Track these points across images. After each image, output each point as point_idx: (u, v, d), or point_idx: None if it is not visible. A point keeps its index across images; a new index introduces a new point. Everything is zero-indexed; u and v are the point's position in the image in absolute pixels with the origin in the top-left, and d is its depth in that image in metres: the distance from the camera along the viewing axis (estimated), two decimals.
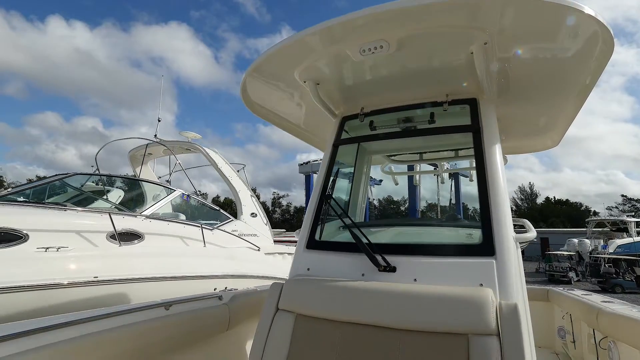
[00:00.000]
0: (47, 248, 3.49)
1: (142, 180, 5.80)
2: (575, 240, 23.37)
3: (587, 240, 22.91)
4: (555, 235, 36.58)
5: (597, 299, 3.18)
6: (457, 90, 2.10)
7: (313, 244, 1.96)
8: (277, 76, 2.14)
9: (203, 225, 5.21)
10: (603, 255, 19.32)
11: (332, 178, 2.22)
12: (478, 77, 1.90)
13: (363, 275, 1.70)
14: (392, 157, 3.61)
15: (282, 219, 61.57)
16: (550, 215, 59.90)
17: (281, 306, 1.69)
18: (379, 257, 1.68)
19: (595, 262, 19.48)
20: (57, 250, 3.54)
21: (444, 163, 3.97)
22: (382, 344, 1.40)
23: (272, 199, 69.76)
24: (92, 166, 5.68)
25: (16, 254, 3.30)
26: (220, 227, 5.68)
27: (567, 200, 70.47)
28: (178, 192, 5.49)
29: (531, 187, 71.61)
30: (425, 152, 3.50)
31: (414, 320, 1.40)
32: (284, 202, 70.09)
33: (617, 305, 2.72)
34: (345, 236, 2.09)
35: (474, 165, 1.93)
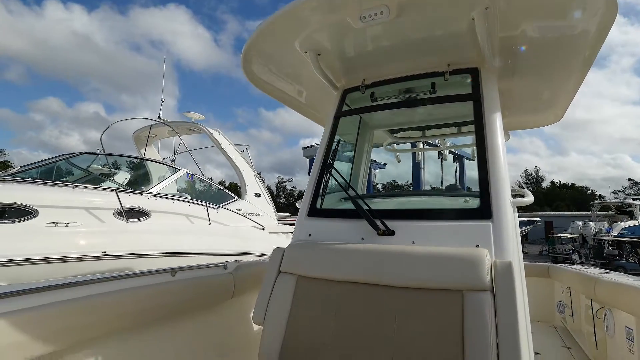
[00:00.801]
0: (57, 223, 3.58)
1: (148, 160, 5.86)
2: (580, 223, 23.27)
3: (591, 223, 22.81)
4: (559, 219, 36.51)
5: (595, 271, 3.22)
6: (459, 59, 2.10)
7: (314, 211, 2.01)
8: (278, 46, 2.14)
9: (208, 204, 5.29)
10: (607, 238, 19.31)
11: (333, 150, 2.25)
12: (479, 45, 1.89)
13: (362, 239, 1.76)
14: (395, 135, 3.62)
15: (286, 202, 61.91)
16: (555, 199, 59.68)
17: (283, 269, 1.74)
18: (378, 222, 1.73)
19: (598, 244, 19.49)
20: (67, 226, 3.63)
21: (447, 140, 3.98)
22: (380, 300, 1.46)
23: (277, 184, 70.15)
24: (98, 148, 5.75)
25: (28, 228, 3.40)
26: (225, 206, 5.76)
27: (572, 184, 70.05)
28: (183, 172, 5.55)
29: (537, 171, 71.18)
30: (427, 129, 3.50)
31: (411, 278, 1.45)
32: (288, 186, 70.46)
33: (614, 276, 2.77)
34: (345, 204, 2.13)
35: (475, 137, 1.94)
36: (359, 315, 1.46)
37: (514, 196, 1.74)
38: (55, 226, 3.56)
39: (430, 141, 4.35)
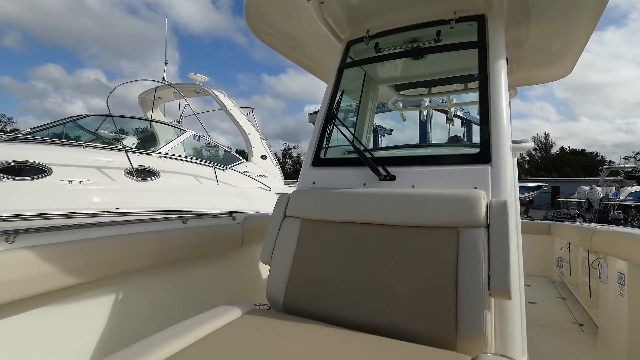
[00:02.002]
0: (70, 181, 3.71)
1: (154, 121, 5.91)
2: (587, 188, 23.18)
3: (598, 188, 22.71)
4: (566, 184, 36.36)
5: (594, 225, 3.30)
6: (465, 6, 2.06)
7: (318, 161, 2.07)
8: None
9: (215, 165, 5.39)
10: (613, 202, 19.32)
11: (337, 102, 2.26)
12: None
13: (364, 184, 1.83)
14: (400, 92, 3.60)
15: (293, 169, 62.22)
16: (564, 165, 59.10)
17: (288, 213, 1.83)
18: (380, 169, 1.79)
19: (604, 209, 19.55)
20: (80, 183, 3.76)
21: (453, 97, 3.94)
22: (380, 238, 1.54)
23: (283, 150, 70.25)
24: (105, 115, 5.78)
25: (44, 185, 3.53)
26: (232, 168, 5.86)
27: (582, 150, 69.04)
28: (189, 133, 5.61)
29: (546, 137, 69.95)
30: (433, 85, 3.47)
31: (409, 217, 1.53)
32: (294, 153, 70.54)
33: (611, 227, 2.84)
34: (349, 155, 2.19)
35: (479, 85, 1.94)
36: (360, 252, 1.56)
37: (514, 142, 1.77)
38: (69, 183, 3.68)
39: (437, 104, 4.32)
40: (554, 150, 69.23)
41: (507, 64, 2.10)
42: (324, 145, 2.14)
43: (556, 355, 2.38)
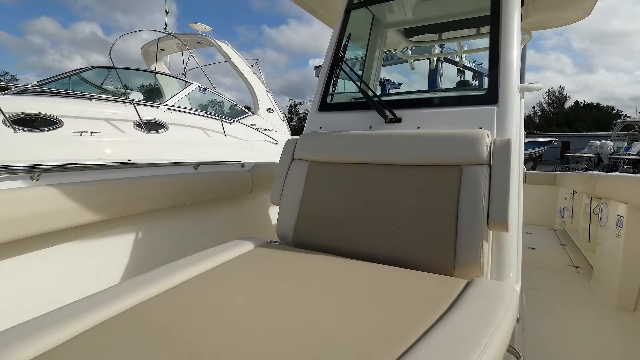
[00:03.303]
0: (82, 132, 3.77)
1: (159, 73, 5.84)
2: (598, 143, 22.74)
3: (609, 142, 22.28)
4: (577, 139, 35.67)
5: (599, 172, 3.33)
6: None
7: (325, 106, 2.09)
8: None
9: (222, 118, 5.40)
10: (624, 157, 19.05)
11: (343, 45, 2.23)
12: None
13: (370, 127, 1.86)
14: (410, 39, 3.49)
15: (299, 126, 61.65)
16: (577, 120, 57.58)
17: (296, 156, 1.89)
18: (386, 111, 1.81)
19: (614, 164, 19.32)
20: (91, 135, 3.83)
21: (464, 44, 3.82)
22: (385, 176, 1.61)
23: (289, 107, 69.28)
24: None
25: (56, 136, 3.60)
26: (239, 121, 5.87)
27: (597, 104, 66.72)
28: (195, 85, 5.56)
29: (561, 90, 67.42)
30: (443, 30, 3.36)
31: (414, 156, 1.58)
32: (301, 109, 69.58)
33: (616, 173, 2.87)
34: (355, 98, 2.20)
35: (490, 25, 1.88)
36: (365, 190, 1.63)
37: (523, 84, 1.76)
38: (81, 135, 3.75)
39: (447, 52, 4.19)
40: (568, 104, 67.13)
41: (522, 6, 2.03)
42: (330, 91, 2.15)
43: (550, 292, 2.52)
